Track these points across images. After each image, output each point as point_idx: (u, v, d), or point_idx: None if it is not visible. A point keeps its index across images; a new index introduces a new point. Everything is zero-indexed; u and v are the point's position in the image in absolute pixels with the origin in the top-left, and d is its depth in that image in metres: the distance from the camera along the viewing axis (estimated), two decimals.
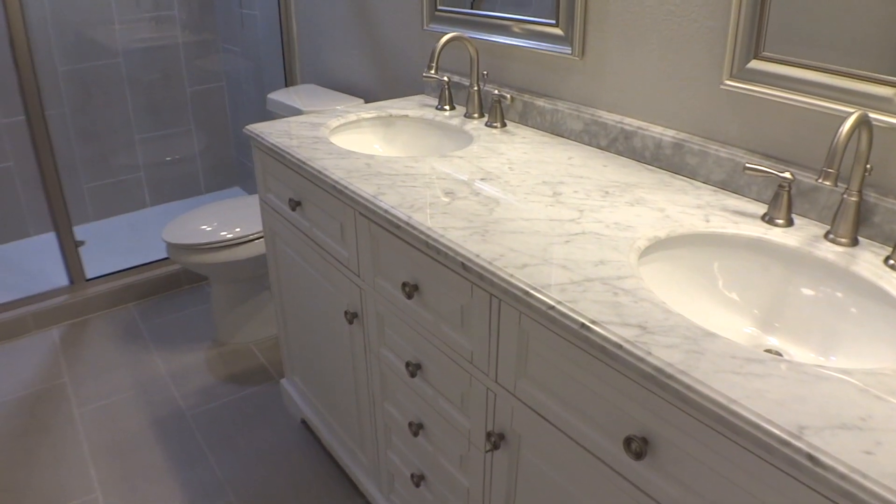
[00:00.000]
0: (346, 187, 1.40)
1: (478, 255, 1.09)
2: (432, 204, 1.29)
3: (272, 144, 1.70)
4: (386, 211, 1.28)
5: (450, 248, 1.13)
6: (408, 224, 1.22)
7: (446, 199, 1.31)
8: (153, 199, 4.07)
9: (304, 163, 1.56)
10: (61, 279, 2.95)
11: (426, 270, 1.25)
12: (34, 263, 3.34)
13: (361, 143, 1.89)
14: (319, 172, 1.49)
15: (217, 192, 4.20)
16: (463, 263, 1.10)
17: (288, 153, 1.62)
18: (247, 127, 1.84)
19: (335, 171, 1.48)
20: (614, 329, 0.88)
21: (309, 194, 1.61)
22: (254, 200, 2.71)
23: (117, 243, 3.56)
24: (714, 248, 1.19)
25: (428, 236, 1.17)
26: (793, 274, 1.14)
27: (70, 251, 2.90)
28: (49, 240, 3.03)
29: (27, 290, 2.92)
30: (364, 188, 1.37)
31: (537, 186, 1.38)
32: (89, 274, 2.98)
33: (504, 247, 1.11)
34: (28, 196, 3.64)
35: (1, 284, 3.07)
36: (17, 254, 3.52)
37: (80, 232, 2.94)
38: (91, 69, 3.74)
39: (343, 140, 1.85)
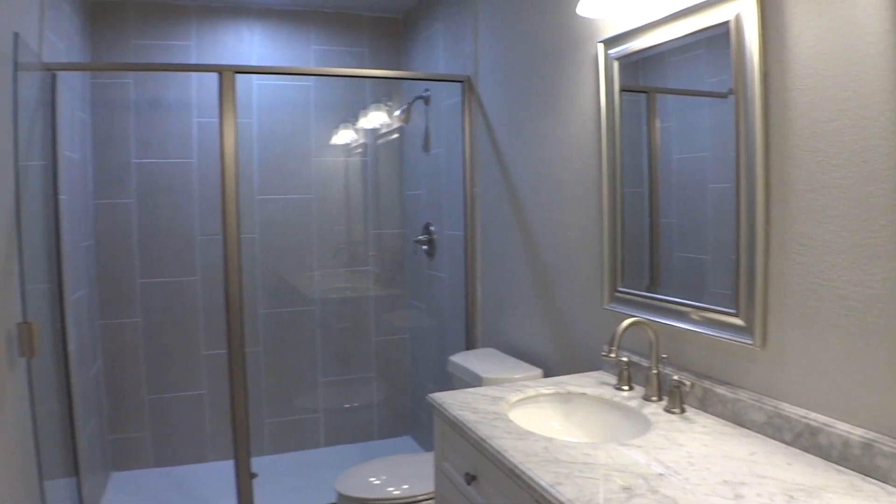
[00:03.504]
0: (524, 472, 1.43)
1: None
2: (608, 500, 1.28)
3: (453, 417, 1.78)
4: None
5: None
6: None
7: (624, 496, 1.30)
8: (327, 439, 4.25)
9: (483, 440, 1.62)
10: None
11: None
12: (205, 489, 3.53)
13: (539, 419, 1.94)
14: (498, 453, 1.54)
15: (389, 438, 4.33)
16: None
17: (468, 428, 1.70)
18: (430, 395, 1.96)
19: (514, 453, 1.52)
20: None
21: (486, 471, 1.65)
22: (424, 458, 2.77)
23: (288, 480, 3.72)
24: None
25: None
26: None
27: (244, 482, 3.01)
28: (224, 468, 3.18)
29: None
30: (542, 475, 1.39)
31: (717, 486, 1.33)
32: None
33: None
34: (213, 423, 3.95)
35: None
36: (192, 477, 3.76)
37: (254, 463, 3.07)
38: (288, 314, 4.15)
39: (522, 415, 1.90)
